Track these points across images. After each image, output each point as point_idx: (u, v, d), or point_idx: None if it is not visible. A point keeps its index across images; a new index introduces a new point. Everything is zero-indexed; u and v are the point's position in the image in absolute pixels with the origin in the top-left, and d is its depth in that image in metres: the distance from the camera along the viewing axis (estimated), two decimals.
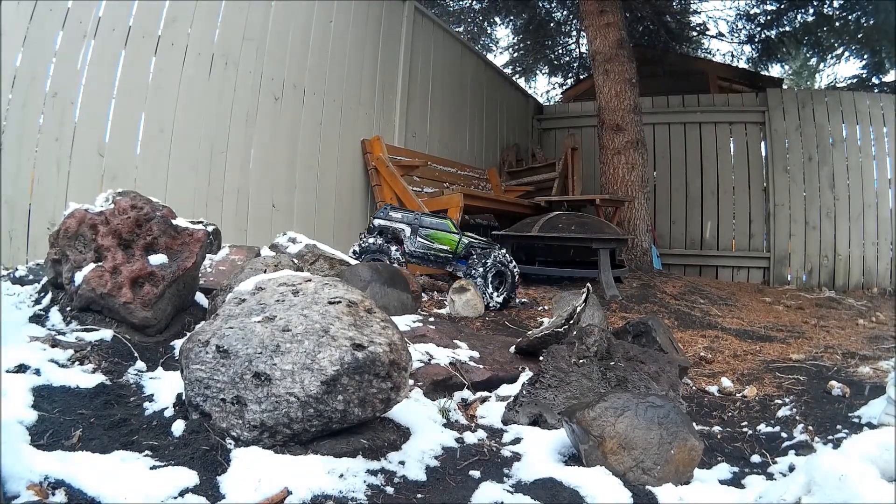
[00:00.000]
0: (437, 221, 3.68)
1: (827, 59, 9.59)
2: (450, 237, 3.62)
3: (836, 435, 1.85)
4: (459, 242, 3.61)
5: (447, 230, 3.64)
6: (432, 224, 3.65)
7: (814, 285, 6.79)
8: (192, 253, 2.08)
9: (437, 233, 3.63)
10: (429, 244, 3.59)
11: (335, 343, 1.40)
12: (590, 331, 2.03)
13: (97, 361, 1.72)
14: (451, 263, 3.64)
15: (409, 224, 3.63)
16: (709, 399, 2.34)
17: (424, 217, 3.69)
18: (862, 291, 6.49)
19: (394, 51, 5.56)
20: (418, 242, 3.59)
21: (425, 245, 3.59)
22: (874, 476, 1.04)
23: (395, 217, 3.66)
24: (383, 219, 3.66)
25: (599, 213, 5.52)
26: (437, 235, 3.62)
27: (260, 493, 1.17)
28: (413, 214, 3.69)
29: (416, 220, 3.65)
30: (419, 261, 3.64)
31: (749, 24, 8.90)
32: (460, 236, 3.63)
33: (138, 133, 3.38)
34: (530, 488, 1.34)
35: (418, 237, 3.60)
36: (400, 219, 3.65)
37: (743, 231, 7.40)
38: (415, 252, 3.60)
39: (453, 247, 3.61)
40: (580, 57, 10.22)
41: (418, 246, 3.59)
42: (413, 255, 3.61)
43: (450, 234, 3.63)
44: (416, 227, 3.62)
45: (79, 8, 3.06)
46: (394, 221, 3.64)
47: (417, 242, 3.59)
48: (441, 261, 3.64)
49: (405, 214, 3.69)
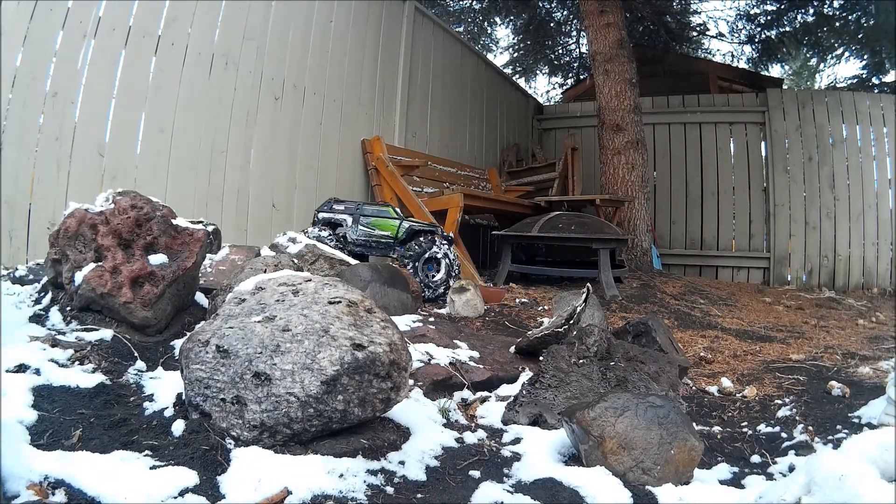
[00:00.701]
0: (377, 209, 3.73)
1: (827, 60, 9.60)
2: (390, 223, 3.65)
3: (836, 435, 1.85)
4: (400, 227, 3.63)
5: (388, 216, 3.68)
6: (373, 212, 3.70)
7: (814, 285, 6.79)
8: (192, 253, 2.08)
9: (378, 220, 3.66)
10: (370, 231, 3.62)
11: (335, 343, 1.40)
12: (590, 331, 2.03)
13: (97, 361, 1.72)
14: (393, 249, 3.66)
15: (351, 214, 3.68)
16: (709, 399, 2.34)
17: (365, 206, 3.74)
18: (862, 292, 6.49)
19: (394, 51, 5.56)
20: (359, 231, 3.63)
21: (366, 233, 3.62)
22: (874, 476, 1.04)
23: (338, 209, 3.73)
24: (327, 211, 3.73)
25: (599, 214, 5.52)
26: (377, 223, 3.65)
27: (260, 493, 1.17)
28: (354, 205, 3.74)
29: (357, 209, 3.70)
30: (362, 248, 3.66)
31: (749, 25, 8.90)
32: (401, 221, 3.66)
33: (138, 133, 3.38)
34: (530, 488, 1.34)
35: (359, 226, 3.63)
36: (342, 210, 3.71)
37: (743, 231, 7.40)
38: (357, 240, 3.62)
39: (394, 232, 3.63)
40: (580, 57, 10.22)
41: (360, 234, 3.62)
42: (356, 244, 3.63)
43: (390, 220, 3.66)
44: (357, 217, 3.66)
45: (79, 8, 3.06)
46: (336, 213, 3.70)
47: (359, 231, 3.63)
48: (383, 246, 3.66)
49: (347, 206, 3.75)
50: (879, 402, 1.93)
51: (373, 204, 3.86)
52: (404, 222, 3.66)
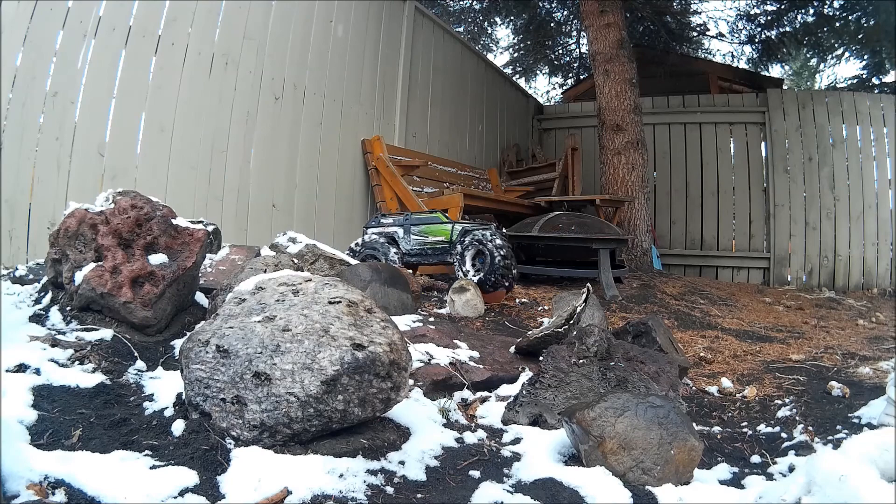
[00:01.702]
0: (427, 216, 3.67)
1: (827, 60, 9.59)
2: (443, 228, 3.57)
3: (836, 435, 1.85)
4: (453, 230, 3.55)
5: (439, 222, 3.61)
6: (422, 219, 3.64)
7: (814, 286, 6.79)
8: (192, 252, 2.08)
9: (430, 226, 3.59)
10: (423, 239, 3.56)
11: (335, 343, 1.40)
12: (590, 331, 2.03)
13: (97, 361, 1.72)
14: (449, 253, 3.56)
15: (401, 225, 3.64)
16: (709, 399, 2.34)
17: (413, 215, 3.68)
18: (862, 292, 6.49)
19: (394, 51, 5.56)
20: (412, 240, 3.57)
21: (420, 241, 3.56)
22: (874, 476, 1.04)
23: (386, 222, 3.69)
24: (375, 226, 3.69)
25: (600, 214, 5.52)
26: (429, 229, 3.58)
27: (260, 493, 1.17)
28: (403, 216, 3.69)
29: (405, 220, 3.65)
30: (418, 258, 3.59)
31: (749, 25, 8.90)
32: (453, 224, 3.58)
33: (138, 133, 3.38)
34: (530, 488, 1.34)
35: (411, 235, 3.58)
36: (391, 222, 3.67)
37: (743, 231, 7.40)
38: (411, 251, 3.57)
39: (447, 236, 3.55)
40: (580, 57, 10.22)
41: (413, 244, 3.57)
42: (410, 255, 3.58)
43: (442, 225, 3.59)
44: (408, 227, 3.62)
45: (79, 7, 3.06)
46: (385, 226, 3.66)
47: (411, 240, 3.58)
48: (439, 252, 3.58)
49: (395, 218, 3.70)
50: (879, 403, 1.93)
51: (420, 212, 3.79)
52: (456, 225, 3.56)
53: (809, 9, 8.04)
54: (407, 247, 3.57)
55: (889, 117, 6.84)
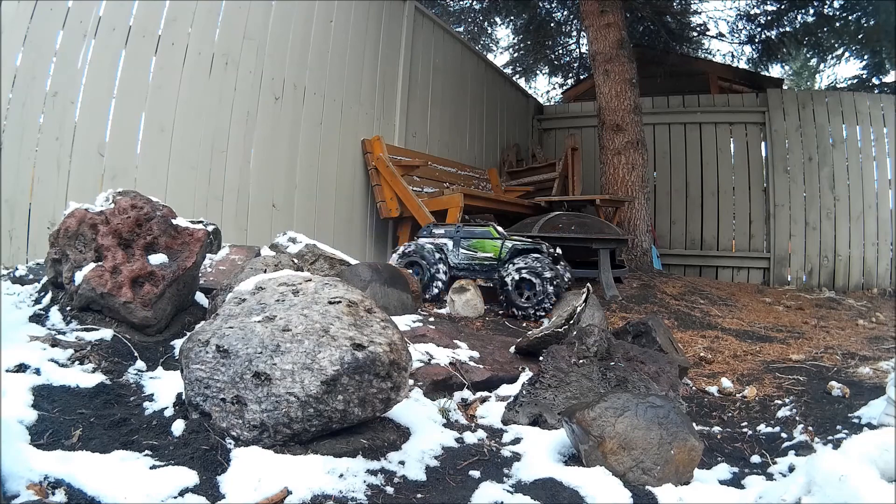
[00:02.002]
0: (479, 230, 3.61)
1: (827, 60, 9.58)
2: (493, 244, 3.51)
3: (835, 435, 1.85)
4: (503, 247, 3.48)
5: (490, 237, 3.55)
6: (474, 233, 3.58)
7: (814, 286, 6.79)
8: (192, 252, 2.08)
9: (480, 241, 3.53)
10: (472, 254, 3.51)
11: (335, 343, 1.40)
12: (590, 331, 2.03)
13: (97, 361, 1.72)
14: (497, 270, 3.46)
15: (451, 237, 3.58)
16: (709, 399, 2.34)
17: (466, 227, 3.62)
18: (862, 292, 6.49)
19: (394, 51, 5.56)
20: (461, 254, 3.52)
21: (468, 255, 3.51)
22: (874, 476, 1.04)
23: (438, 233, 3.64)
24: (427, 236, 3.66)
25: (600, 214, 5.52)
26: (479, 244, 3.52)
27: (260, 493, 1.17)
28: (454, 227, 3.64)
29: (457, 232, 3.59)
30: (465, 272, 3.53)
31: (749, 25, 8.90)
32: (503, 241, 3.51)
33: (138, 133, 3.38)
34: (530, 488, 1.34)
35: (461, 249, 3.53)
36: (442, 234, 3.63)
37: (743, 231, 7.40)
38: (459, 264, 3.51)
39: (497, 252, 3.48)
40: (580, 57, 10.22)
41: (462, 258, 3.51)
42: (458, 268, 3.51)
43: (493, 241, 3.52)
44: (458, 239, 3.55)
45: (79, 7, 3.06)
46: (436, 237, 3.62)
47: (461, 254, 3.52)
48: (487, 269, 3.50)
49: (447, 229, 3.65)
50: (879, 403, 1.93)
51: (473, 225, 3.72)
52: (507, 241, 3.51)
53: (809, 9, 8.03)
54: (455, 260, 3.52)
55: (889, 117, 6.83)
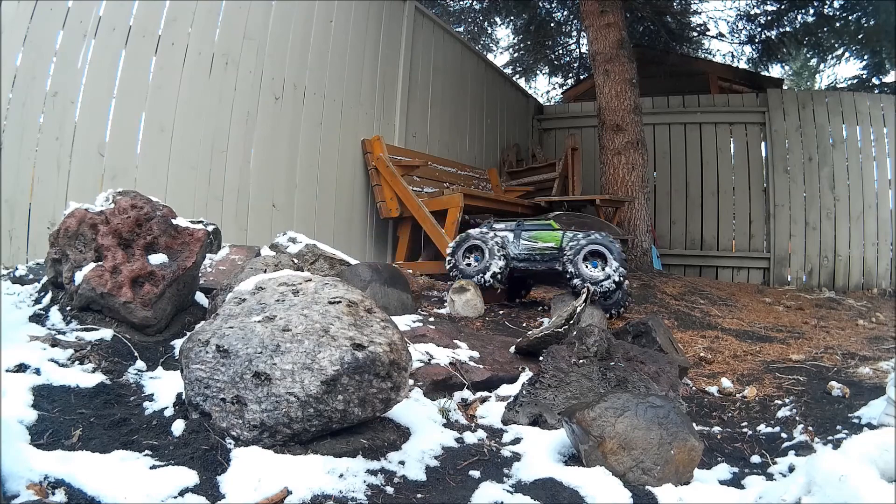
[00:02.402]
0: (539, 223, 3.69)
1: (827, 60, 9.59)
2: (553, 234, 3.58)
3: (835, 435, 1.85)
4: (563, 236, 3.55)
5: (550, 228, 3.62)
6: (534, 226, 3.66)
7: (814, 286, 6.79)
8: (192, 252, 2.08)
9: (540, 232, 3.60)
10: (532, 244, 3.56)
11: (335, 343, 1.40)
12: (590, 331, 2.03)
13: (97, 361, 1.72)
14: (558, 260, 3.52)
15: (512, 231, 3.65)
16: (709, 399, 2.34)
17: (526, 222, 3.71)
18: (862, 292, 6.49)
19: (394, 51, 5.55)
20: (521, 245, 3.57)
21: (528, 246, 3.56)
22: (874, 477, 1.04)
23: (498, 227, 3.69)
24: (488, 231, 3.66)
25: (600, 214, 5.52)
26: (539, 235, 3.58)
27: (260, 493, 1.17)
28: (515, 222, 3.71)
29: (517, 226, 3.67)
30: (525, 263, 3.58)
31: (749, 25, 8.90)
32: (563, 231, 3.58)
33: (138, 133, 3.38)
34: (530, 488, 1.34)
35: (521, 240, 3.58)
36: (502, 228, 3.68)
37: (743, 231, 7.40)
38: (519, 255, 3.56)
39: (557, 242, 3.54)
40: (580, 57, 10.22)
41: (522, 248, 3.56)
42: (518, 259, 3.57)
43: (553, 232, 3.59)
44: (519, 232, 3.62)
45: (79, 7, 3.06)
46: (497, 231, 3.66)
47: (521, 245, 3.57)
48: (548, 258, 3.56)
49: (507, 224, 3.72)
50: (879, 403, 1.93)
51: (534, 219, 3.75)
52: (567, 232, 3.55)
53: (809, 9, 8.03)
54: (515, 251, 3.57)
55: (889, 117, 6.83)
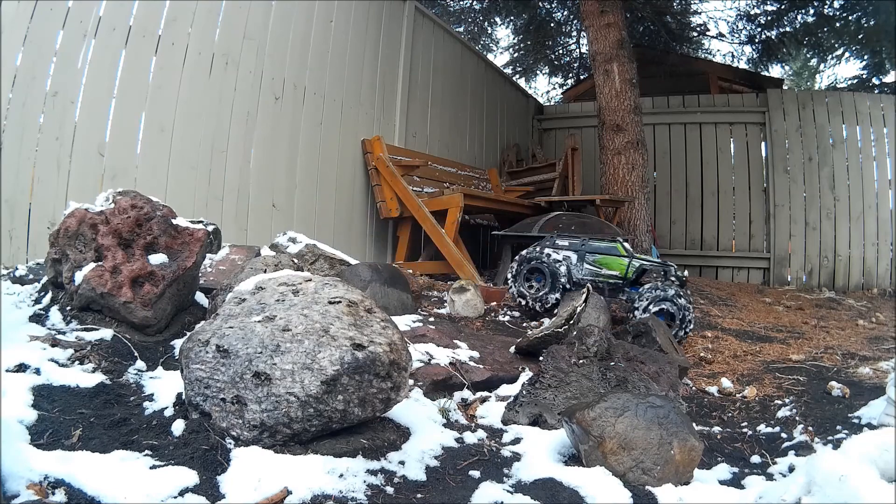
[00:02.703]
0: (605, 246, 3.45)
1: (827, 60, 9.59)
2: (619, 261, 3.35)
3: (835, 435, 1.85)
4: (629, 266, 3.33)
5: (616, 254, 3.39)
6: (600, 248, 3.42)
7: (814, 286, 6.79)
8: (192, 252, 2.08)
9: (606, 258, 3.38)
10: (597, 270, 3.35)
11: (335, 343, 1.40)
12: (590, 331, 2.04)
13: (97, 361, 1.72)
14: (622, 290, 3.34)
15: (576, 250, 3.42)
16: (709, 399, 2.34)
17: (592, 242, 3.46)
18: (862, 292, 6.49)
19: (394, 51, 5.55)
20: (585, 269, 3.36)
21: (593, 272, 3.35)
22: (874, 477, 1.04)
23: (561, 244, 3.47)
24: (549, 247, 3.48)
25: (600, 214, 5.52)
26: (605, 261, 3.37)
27: (260, 493, 1.17)
28: (580, 240, 3.48)
29: (582, 245, 3.43)
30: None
31: (749, 25, 8.89)
32: (630, 259, 3.36)
33: (138, 133, 3.38)
34: (530, 488, 1.34)
35: (585, 263, 3.37)
36: (566, 245, 3.46)
37: (743, 231, 7.40)
38: (582, 280, 3.34)
39: (623, 271, 3.33)
40: (580, 57, 10.22)
41: (585, 273, 3.35)
42: (580, 284, 3.34)
43: (619, 259, 3.37)
44: (583, 253, 3.40)
45: (79, 7, 3.05)
46: (560, 249, 3.45)
47: (584, 269, 3.36)
48: (611, 287, 3.36)
49: (571, 241, 3.48)
50: (879, 403, 1.93)
51: (599, 239, 3.56)
52: (634, 260, 3.35)
53: (809, 9, 8.03)
54: (578, 275, 3.35)
55: (889, 117, 6.83)
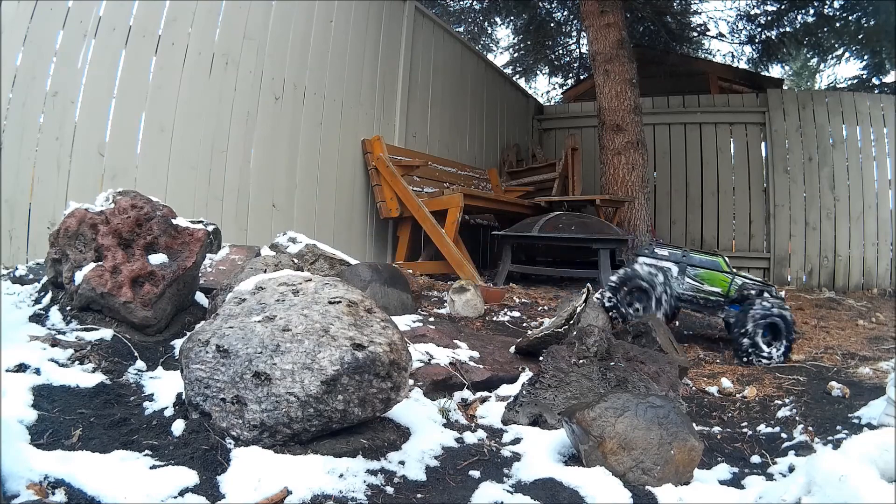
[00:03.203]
0: (706, 259, 3.33)
1: (827, 60, 9.59)
2: (721, 278, 3.23)
3: (835, 435, 1.85)
4: (732, 283, 3.21)
5: (718, 269, 3.26)
6: (702, 262, 3.29)
7: (814, 286, 6.79)
8: (192, 252, 2.08)
9: (708, 272, 3.25)
10: (698, 285, 3.21)
11: (335, 343, 1.40)
12: (590, 331, 2.04)
13: (97, 361, 1.72)
14: (722, 308, 3.22)
15: (677, 262, 3.27)
16: (709, 399, 2.34)
17: (693, 255, 3.33)
18: (862, 292, 6.49)
19: (394, 51, 5.55)
20: (686, 283, 3.21)
21: (694, 287, 3.21)
22: (874, 477, 1.04)
23: (661, 254, 3.33)
24: (649, 256, 3.34)
25: (600, 214, 5.52)
26: (707, 276, 3.24)
27: (260, 493, 1.17)
28: (680, 252, 3.33)
29: (682, 257, 3.29)
30: (688, 304, 3.25)
31: (749, 25, 8.90)
32: (732, 276, 3.24)
33: (138, 133, 3.38)
34: (530, 488, 1.34)
35: (686, 277, 3.23)
36: (666, 255, 3.32)
37: (743, 231, 7.40)
38: (682, 294, 3.20)
39: (725, 289, 3.20)
40: (580, 57, 10.22)
41: (686, 287, 3.21)
42: (681, 299, 3.22)
43: (721, 275, 3.24)
44: (684, 267, 3.25)
45: (79, 7, 3.05)
46: (660, 259, 3.30)
47: (686, 283, 3.21)
48: (712, 304, 3.24)
49: (672, 252, 3.35)
50: (879, 403, 1.93)
51: (700, 252, 3.45)
52: (736, 278, 3.24)
53: (809, 9, 8.03)
54: (679, 289, 3.20)
55: (889, 117, 6.83)
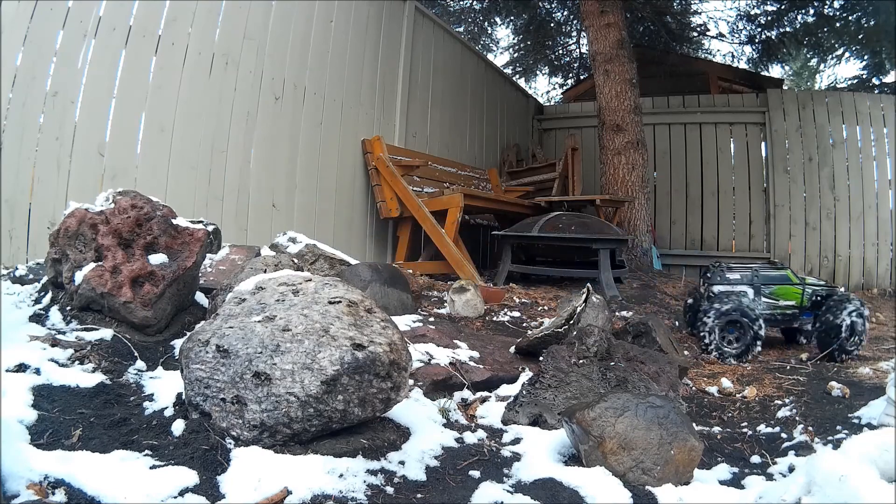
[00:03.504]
0: (777, 275, 3.26)
1: (827, 60, 9.59)
2: (794, 290, 3.19)
3: (835, 435, 1.85)
4: (804, 294, 3.17)
5: (789, 282, 3.21)
6: (773, 278, 3.23)
7: None
8: (192, 252, 2.08)
9: (781, 288, 3.21)
10: (774, 302, 3.17)
11: (335, 343, 1.40)
12: (590, 331, 2.04)
13: (97, 361, 1.72)
14: (797, 319, 3.18)
15: (750, 283, 3.19)
16: (709, 399, 2.34)
17: (762, 272, 3.26)
18: (862, 292, 6.49)
19: (394, 51, 5.55)
20: (763, 303, 3.16)
21: (771, 304, 3.17)
22: (874, 477, 1.04)
23: (733, 278, 3.23)
24: (720, 284, 3.23)
25: (600, 214, 5.52)
26: (781, 291, 3.20)
27: (260, 493, 1.17)
28: (750, 272, 3.26)
29: (754, 276, 3.21)
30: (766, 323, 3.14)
31: (749, 25, 8.90)
32: (803, 286, 3.20)
33: (138, 133, 3.38)
34: (530, 488, 1.34)
35: (762, 297, 3.17)
36: (738, 279, 3.22)
37: (743, 231, 7.40)
38: (762, 314, 3.11)
39: (798, 300, 3.17)
40: (580, 57, 10.22)
41: (764, 306, 3.15)
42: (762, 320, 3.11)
43: (793, 287, 3.20)
44: (758, 286, 3.18)
45: (79, 7, 3.05)
46: (733, 284, 3.21)
47: (762, 303, 3.16)
48: (788, 318, 3.20)
49: (742, 274, 3.24)
50: (879, 403, 1.93)
51: (767, 267, 3.39)
52: (806, 287, 3.19)
53: (809, 9, 8.04)
54: (758, 311, 3.12)
55: (889, 117, 6.83)
